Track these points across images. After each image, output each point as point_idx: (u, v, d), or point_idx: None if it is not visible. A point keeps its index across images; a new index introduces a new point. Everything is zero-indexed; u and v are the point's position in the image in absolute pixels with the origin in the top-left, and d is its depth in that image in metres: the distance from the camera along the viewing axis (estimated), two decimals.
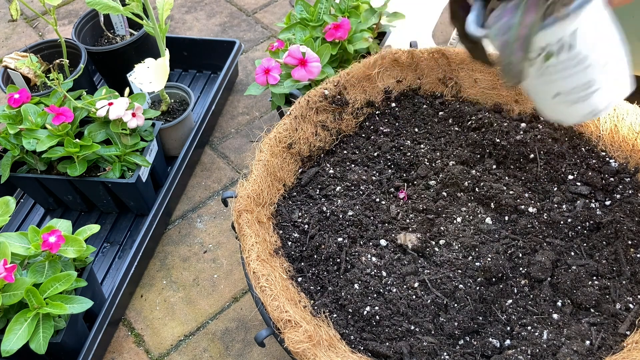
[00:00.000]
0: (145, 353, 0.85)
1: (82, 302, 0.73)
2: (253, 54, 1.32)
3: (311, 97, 0.83)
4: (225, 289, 0.91)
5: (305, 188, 0.81)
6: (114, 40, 1.17)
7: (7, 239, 0.74)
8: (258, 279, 0.63)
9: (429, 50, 0.88)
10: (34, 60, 1.01)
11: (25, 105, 0.91)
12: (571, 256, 0.69)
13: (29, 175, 0.93)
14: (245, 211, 0.70)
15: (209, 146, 1.13)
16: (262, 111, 1.19)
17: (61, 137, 0.89)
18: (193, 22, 1.42)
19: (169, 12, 0.95)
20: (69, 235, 0.76)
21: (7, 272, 0.68)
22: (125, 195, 0.95)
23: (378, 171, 0.82)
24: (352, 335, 0.64)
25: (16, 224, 1.03)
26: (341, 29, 0.93)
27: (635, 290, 0.65)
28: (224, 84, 1.14)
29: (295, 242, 0.73)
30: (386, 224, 0.75)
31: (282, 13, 1.43)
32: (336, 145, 0.87)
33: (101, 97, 0.93)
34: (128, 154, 0.92)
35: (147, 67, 0.92)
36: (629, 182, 0.76)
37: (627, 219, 0.71)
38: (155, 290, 0.92)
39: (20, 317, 0.69)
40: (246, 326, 0.86)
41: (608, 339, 0.61)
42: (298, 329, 0.59)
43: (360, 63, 0.86)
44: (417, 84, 0.91)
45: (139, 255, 0.89)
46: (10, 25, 1.46)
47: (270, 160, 0.77)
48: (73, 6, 1.51)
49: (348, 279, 0.68)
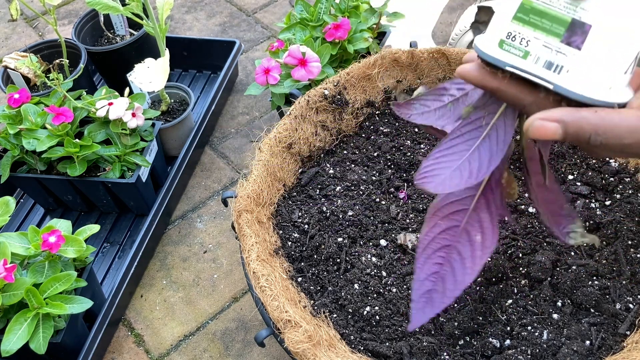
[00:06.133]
0: (145, 353, 0.85)
1: (82, 302, 0.73)
2: (253, 54, 1.32)
3: (311, 97, 0.83)
4: (225, 289, 0.91)
5: (305, 188, 0.81)
6: (114, 40, 1.17)
7: (7, 239, 0.74)
8: (258, 279, 0.63)
9: (429, 50, 0.88)
10: (34, 60, 1.01)
11: (25, 105, 0.91)
12: (571, 256, 0.69)
13: (29, 175, 0.93)
14: (245, 211, 0.70)
15: (209, 146, 1.13)
16: (262, 111, 1.19)
17: (61, 137, 0.89)
18: (193, 22, 1.42)
19: (169, 12, 0.95)
20: (69, 235, 0.76)
21: (7, 272, 0.68)
22: (125, 195, 0.95)
23: (378, 171, 0.82)
24: (352, 335, 0.64)
25: (16, 224, 1.03)
26: (341, 29, 0.93)
27: (635, 290, 0.65)
28: (224, 84, 1.14)
29: (295, 242, 0.73)
30: (386, 224, 0.75)
31: (282, 13, 1.43)
32: (336, 145, 0.87)
33: (101, 97, 0.93)
34: (128, 154, 0.92)
35: (147, 67, 0.92)
36: (629, 182, 0.76)
37: (627, 219, 0.71)
38: (155, 290, 0.92)
39: (20, 317, 0.69)
40: (246, 326, 0.86)
41: (608, 339, 0.61)
42: (298, 329, 0.59)
43: (360, 63, 0.86)
44: (417, 84, 0.91)
45: (139, 255, 0.89)
46: (10, 25, 1.46)
47: (270, 160, 0.77)
48: (73, 6, 1.51)
49: (348, 279, 0.68)
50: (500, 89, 0.41)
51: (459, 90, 0.49)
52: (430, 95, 0.50)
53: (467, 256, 0.47)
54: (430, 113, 0.50)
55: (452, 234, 0.48)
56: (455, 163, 0.44)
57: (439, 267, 0.48)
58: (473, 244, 0.47)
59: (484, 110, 0.45)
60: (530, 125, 0.38)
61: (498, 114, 0.44)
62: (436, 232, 0.48)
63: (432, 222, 0.48)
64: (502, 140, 0.43)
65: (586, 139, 0.36)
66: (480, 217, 0.48)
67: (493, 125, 0.44)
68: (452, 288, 0.47)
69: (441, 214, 0.48)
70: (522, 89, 0.40)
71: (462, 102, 0.48)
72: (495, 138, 0.44)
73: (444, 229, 0.48)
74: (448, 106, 0.49)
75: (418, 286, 0.48)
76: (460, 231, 0.48)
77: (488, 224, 0.48)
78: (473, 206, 0.48)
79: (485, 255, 0.47)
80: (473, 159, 0.44)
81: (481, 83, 0.42)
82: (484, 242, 0.47)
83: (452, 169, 0.44)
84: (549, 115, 0.37)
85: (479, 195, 0.48)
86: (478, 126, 0.45)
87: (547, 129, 0.37)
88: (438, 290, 0.47)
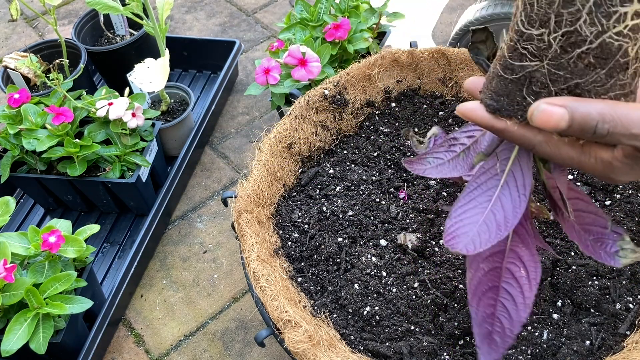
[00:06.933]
0: (145, 353, 0.85)
1: (82, 302, 0.73)
2: (253, 54, 1.32)
3: (311, 97, 0.83)
4: (225, 289, 0.91)
5: (305, 188, 0.81)
6: (114, 40, 1.17)
7: (7, 239, 0.74)
8: (258, 279, 0.63)
9: (429, 50, 0.88)
10: (34, 60, 1.01)
11: (25, 105, 0.91)
12: (571, 256, 0.69)
13: (29, 175, 0.93)
14: (245, 211, 0.70)
15: (209, 146, 1.13)
16: (262, 111, 1.19)
17: (61, 137, 0.89)
18: (193, 22, 1.42)
19: (169, 12, 0.95)
20: (69, 235, 0.76)
21: (7, 272, 0.68)
22: (125, 195, 0.95)
23: (378, 171, 0.82)
24: (352, 335, 0.64)
25: (16, 224, 1.03)
26: (341, 29, 0.93)
27: (635, 290, 0.65)
28: (224, 84, 1.14)
29: (295, 242, 0.73)
30: (386, 224, 0.75)
31: (282, 13, 1.43)
32: (336, 145, 0.87)
33: (101, 97, 0.93)
34: (128, 154, 0.92)
35: (147, 67, 0.92)
36: (629, 182, 0.76)
37: (627, 219, 0.71)
38: (155, 290, 0.92)
39: (20, 317, 0.69)
40: (246, 326, 0.86)
41: (608, 339, 0.61)
42: (298, 329, 0.59)
43: (360, 63, 0.86)
44: (417, 84, 0.91)
45: (139, 255, 0.89)
46: (10, 25, 1.46)
47: (270, 160, 0.77)
48: (73, 6, 1.51)
49: (348, 279, 0.68)
50: (507, 130, 0.39)
51: (469, 138, 0.48)
52: (441, 147, 0.50)
53: (516, 294, 0.47)
54: (444, 165, 0.49)
55: (496, 274, 0.47)
56: (479, 217, 0.43)
57: (492, 308, 0.47)
58: (518, 280, 0.47)
59: (496, 157, 0.44)
60: (535, 109, 0.36)
61: (512, 158, 0.43)
62: (480, 275, 0.47)
63: (473, 266, 0.47)
64: (521, 185, 0.42)
65: (592, 128, 0.35)
66: (518, 254, 0.47)
67: (509, 172, 0.43)
68: (510, 327, 0.46)
69: (480, 258, 0.47)
70: (532, 128, 0.38)
71: (472, 150, 0.47)
72: (515, 184, 0.43)
73: (487, 270, 0.47)
74: (460, 156, 0.48)
75: (478, 330, 0.47)
76: (503, 271, 0.47)
77: (528, 257, 0.47)
78: (509, 245, 0.47)
79: (533, 289, 0.46)
80: (496, 210, 0.43)
81: (488, 125, 0.39)
82: (528, 275, 0.47)
83: (477, 225, 0.43)
84: (556, 100, 0.35)
85: (512, 233, 0.47)
86: (494, 175, 0.44)
87: (553, 114, 0.35)
88: (497, 331, 0.47)
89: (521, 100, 0.37)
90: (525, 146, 0.39)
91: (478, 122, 0.40)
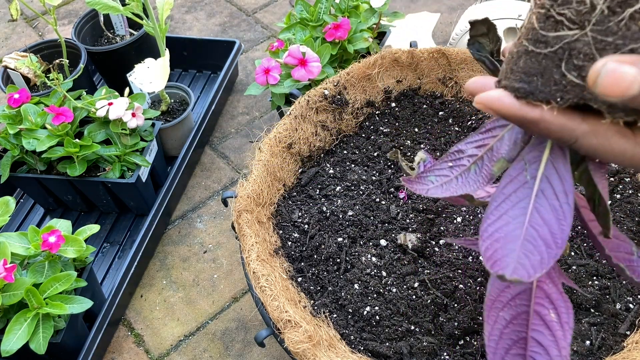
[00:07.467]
0: (145, 353, 0.85)
1: (82, 302, 0.73)
2: (253, 54, 1.32)
3: (311, 97, 0.83)
4: (225, 289, 0.91)
5: (305, 188, 0.81)
6: (114, 40, 1.17)
7: (7, 239, 0.74)
8: (258, 279, 0.63)
9: (429, 50, 0.88)
10: (33, 60, 1.01)
11: (25, 105, 0.91)
12: (571, 256, 0.69)
13: (28, 175, 0.93)
14: (245, 211, 0.70)
15: (209, 146, 1.13)
16: (262, 111, 1.19)
17: (61, 137, 0.89)
18: (193, 22, 1.42)
19: (169, 12, 0.95)
20: (69, 235, 0.76)
21: (7, 272, 0.68)
22: (125, 195, 0.95)
23: (378, 171, 0.82)
24: (352, 335, 0.64)
25: (16, 224, 1.03)
26: (341, 28, 0.93)
27: (635, 290, 0.65)
28: (224, 84, 1.14)
29: (295, 242, 0.73)
30: (386, 224, 0.75)
31: (282, 13, 1.43)
32: (336, 145, 0.87)
33: (101, 97, 0.93)
34: (128, 154, 0.92)
35: (147, 67, 0.92)
36: (629, 182, 0.76)
37: (627, 219, 0.71)
38: (155, 290, 0.92)
39: (20, 317, 0.69)
40: (246, 326, 0.86)
41: (608, 339, 0.61)
42: (298, 329, 0.59)
43: (360, 63, 0.86)
44: (417, 84, 0.91)
45: (139, 255, 0.89)
46: (10, 25, 1.46)
47: (270, 160, 0.77)
48: (73, 6, 1.51)
49: (348, 279, 0.68)
50: (544, 119, 0.32)
51: (479, 148, 0.41)
52: (444, 163, 0.43)
53: (549, 344, 0.39)
54: (452, 183, 0.42)
55: (522, 322, 0.40)
56: (517, 233, 0.35)
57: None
58: (550, 326, 0.39)
59: (523, 161, 0.37)
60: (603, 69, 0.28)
61: (544, 160, 0.36)
62: (501, 327, 0.40)
63: (492, 317, 0.39)
64: (561, 192, 0.35)
65: None
66: (546, 292, 0.40)
67: (542, 177, 0.36)
68: None
69: (500, 304, 0.40)
70: (573, 115, 0.31)
71: (487, 159, 0.40)
72: (552, 192, 0.36)
73: (510, 320, 0.40)
74: (471, 169, 0.41)
75: None
76: (531, 316, 0.40)
77: (557, 295, 0.40)
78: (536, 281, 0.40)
79: (568, 337, 0.39)
80: (537, 225, 0.35)
81: (518, 114, 0.33)
82: (560, 319, 0.39)
83: (519, 242, 0.35)
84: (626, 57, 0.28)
85: None
86: (523, 182, 0.36)
87: (625, 75, 0.27)
88: None
89: (560, 79, 0.31)
90: (564, 140, 0.32)
91: (504, 113, 0.33)
